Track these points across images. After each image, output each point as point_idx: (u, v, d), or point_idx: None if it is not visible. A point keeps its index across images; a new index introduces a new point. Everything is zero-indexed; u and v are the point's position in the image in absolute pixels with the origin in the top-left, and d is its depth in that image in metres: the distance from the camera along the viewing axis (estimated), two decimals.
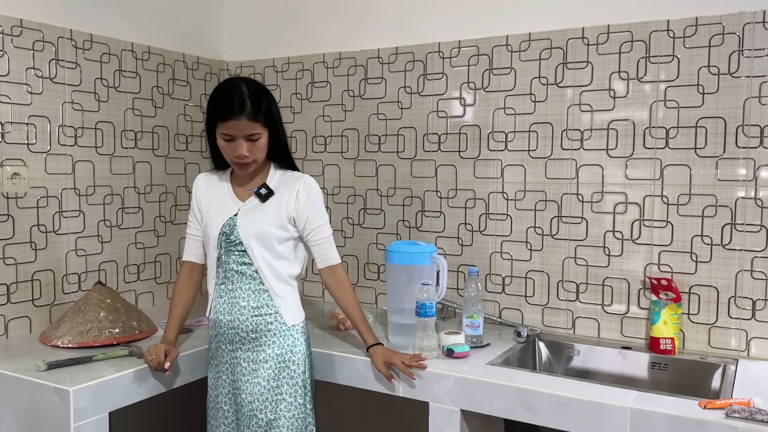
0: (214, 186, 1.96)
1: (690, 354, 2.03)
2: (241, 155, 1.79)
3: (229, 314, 1.86)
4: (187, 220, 2.00)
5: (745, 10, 1.95)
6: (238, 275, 1.85)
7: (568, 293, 2.24)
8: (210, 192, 1.95)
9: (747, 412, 1.47)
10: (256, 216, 1.85)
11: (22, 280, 2.14)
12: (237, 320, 1.84)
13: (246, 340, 1.84)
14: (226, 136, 1.79)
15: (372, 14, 2.56)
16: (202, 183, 1.98)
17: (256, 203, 1.87)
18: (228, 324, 1.86)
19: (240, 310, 1.84)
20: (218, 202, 1.91)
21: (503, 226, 2.34)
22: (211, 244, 1.88)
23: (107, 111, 2.38)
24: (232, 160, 1.83)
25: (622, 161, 2.14)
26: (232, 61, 2.89)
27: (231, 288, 1.85)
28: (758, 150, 1.95)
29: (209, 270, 1.91)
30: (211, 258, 1.89)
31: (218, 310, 1.88)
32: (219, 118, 1.78)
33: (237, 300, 1.85)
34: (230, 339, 1.86)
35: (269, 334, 1.84)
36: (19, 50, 2.11)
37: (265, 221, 1.84)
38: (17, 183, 2.10)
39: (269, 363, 1.83)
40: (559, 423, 1.66)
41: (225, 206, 1.89)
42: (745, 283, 1.99)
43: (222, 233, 1.85)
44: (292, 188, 1.87)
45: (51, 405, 1.66)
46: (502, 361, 1.95)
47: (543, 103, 2.25)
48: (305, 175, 1.92)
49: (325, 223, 1.91)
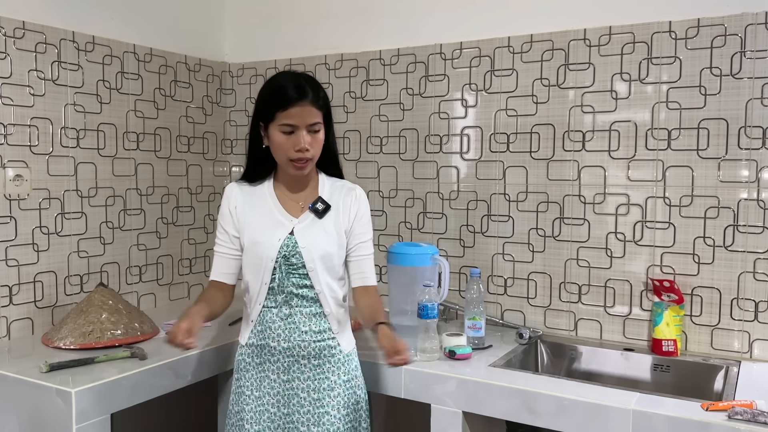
0: (254, 198, 1.76)
1: (692, 356, 2.03)
2: (304, 148, 1.64)
3: (286, 341, 1.70)
4: (217, 237, 1.79)
5: (747, 11, 1.94)
6: (298, 299, 1.70)
7: (570, 295, 2.24)
8: (251, 205, 1.75)
9: (749, 414, 1.46)
10: (317, 235, 1.71)
11: (25, 281, 2.14)
12: (297, 347, 1.70)
13: (306, 368, 1.71)
14: (286, 127, 1.64)
15: (373, 16, 2.56)
16: (237, 194, 1.76)
17: (311, 219, 1.73)
18: (285, 351, 1.70)
19: (301, 336, 1.70)
20: (266, 219, 1.73)
21: (505, 227, 2.34)
22: (264, 267, 1.69)
23: (109, 113, 2.39)
24: (290, 158, 1.67)
25: (624, 163, 2.14)
26: (234, 62, 2.89)
27: (289, 312, 1.70)
28: (760, 151, 1.94)
29: (254, 293, 1.72)
30: (260, 281, 1.70)
31: (270, 336, 1.71)
32: (280, 107, 1.63)
33: (297, 325, 1.70)
34: (285, 368, 1.71)
35: (333, 360, 1.72)
36: (22, 52, 2.11)
37: (327, 241, 1.71)
38: (19, 185, 2.11)
39: (336, 391, 1.71)
40: (561, 425, 1.66)
41: (275, 223, 1.72)
42: (748, 284, 1.98)
43: (281, 255, 1.69)
44: (346, 201, 1.76)
45: (53, 406, 1.66)
46: (504, 362, 1.94)
47: (545, 104, 2.25)
48: (356, 185, 1.82)
49: (369, 240, 1.80)
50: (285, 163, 1.70)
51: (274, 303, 1.71)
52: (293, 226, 1.71)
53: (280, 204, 1.74)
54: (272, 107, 1.66)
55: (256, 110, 1.72)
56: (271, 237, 1.69)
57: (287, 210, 1.73)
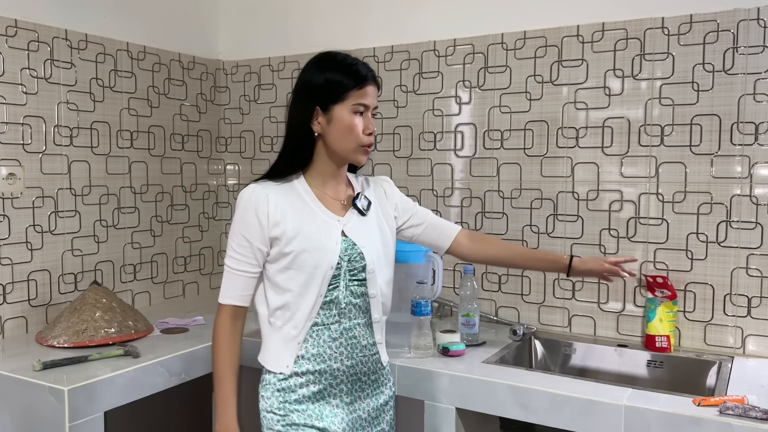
0: (291, 199, 1.52)
1: (686, 351, 2.03)
2: (374, 130, 1.52)
3: (349, 358, 1.53)
4: (233, 251, 1.51)
5: (740, 7, 1.95)
6: (355, 309, 1.54)
7: (564, 291, 2.24)
8: (291, 207, 1.51)
9: (741, 409, 1.47)
10: (370, 234, 1.56)
11: (18, 280, 2.14)
12: (360, 364, 1.55)
13: (366, 385, 1.57)
14: (360, 107, 1.49)
15: (367, 13, 2.55)
16: (269, 198, 1.48)
17: (357, 217, 1.57)
18: (348, 371, 1.53)
19: (362, 351, 1.55)
20: (313, 221, 1.51)
21: (499, 224, 2.34)
22: (321, 276, 1.48)
23: (103, 111, 2.38)
24: (360, 143, 1.50)
25: (617, 159, 2.14)
26: (228, 60, 2.89)
27: (348, 326, 1.53)
28: (753, 147, 1.95)
29: (304, 310, 1.49)
30: (315, 294, 1.48)
31: (331, 356, 1.51)
32: (356, 84, 1.48)
33: (358, 340, 1.54)
34: (348, 390, 1.54)
35: (384, 372, 1.61)
36: (14, 50, 2.10)
37: (380, 239, 1.57)
38: (13, 183, 2.10)
39: (388, 405, 1.63)
40: (554, 421, 1.66)
41: (325, 225, 1.52)
42: (741, 280, 1.99)
43: (343, 261, 1.50)
44: (378, 192, 1.65)
45: (46, 405, 1.66)
46: (498, 359, 1.95)
47: (538, 101, 2.25)
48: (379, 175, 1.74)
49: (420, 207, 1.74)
50: (352, 150, 1.51)
51: (330, 317, 1.51)
52: (342, 227, 1.53)
53: (320, 203, 1.54)
54: (346, 85, 1.48)
55: (314, 92, 1.50)
56: (328, 240, 1.49)
57: (330, 209, 1.54)
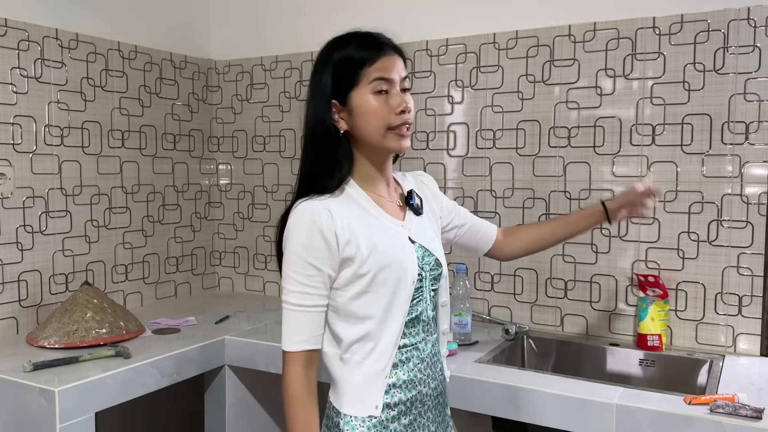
0: (352, 210, 1.27)
1: (677, 350, 2.04)
2: (407, 107, 1.27)
3: (433, 379, 1.35)
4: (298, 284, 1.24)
5: (730, 6, 1.95)
6: (433, 322, 1.37)
7: (557, 291, 2.25)
8: (357, 221, 1.26)
9: (731, 407, 1.48)
10: (432, 236, 1.38)
11: (9, 280, 2.13)
12: (441, 385, 1.38)
13: (441, 405, 1.39)
14: (381, 83, 1.26)
15: (359, 12, 2.55)
16: (332, 214, 1.23)
17: (415, 219, 1.37)
18: (433, 393, 1.35)
19: (441, 369, 1.39)
20: (383, 231, 1.29)
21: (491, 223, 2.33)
22: (403, 294, 1.27)
23: (94, 110, 2.37)
24: (391, 125, 1.27)
25: (609, 158, 2.14)
26: (220, 59, 2.88)
27: (432, 343, 1.36)
28: (744, 146, 1.96)
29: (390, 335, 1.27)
30: (399, 313, 1.27)
31: (421, 381, 1.32)
32: (366, 60, 1.26)
33: (438, 357, 1.38)
34: (435, 414, 1.36)
35: (448, 389, 1.45)
36: (4, 50, 2.09)
37: (438, 241, 1.40)
38: (3, 183, 2.09)
39: (451, 422, 1.46)
40: (546, 420, 1.67)
41: (394, 234, 1.30)
42: (732, 279, 1.99)
43: (425, 272, 1.32)
44: (421, 188, 1.47)
45: (37, 405, 1.66)
46: (490, 358, 1.95)
47: (530, 100, 2.25)
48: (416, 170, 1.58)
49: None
50: (383, 137, 1.28)
51: (415, 337, 1.31)
52: (407, 232, 1.33)
53: (381, 208, 1.31)
54: (356, 65, 1.26)
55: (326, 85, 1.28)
56: (404, 251, 1.28)
57: (390, 214, 1.33)
